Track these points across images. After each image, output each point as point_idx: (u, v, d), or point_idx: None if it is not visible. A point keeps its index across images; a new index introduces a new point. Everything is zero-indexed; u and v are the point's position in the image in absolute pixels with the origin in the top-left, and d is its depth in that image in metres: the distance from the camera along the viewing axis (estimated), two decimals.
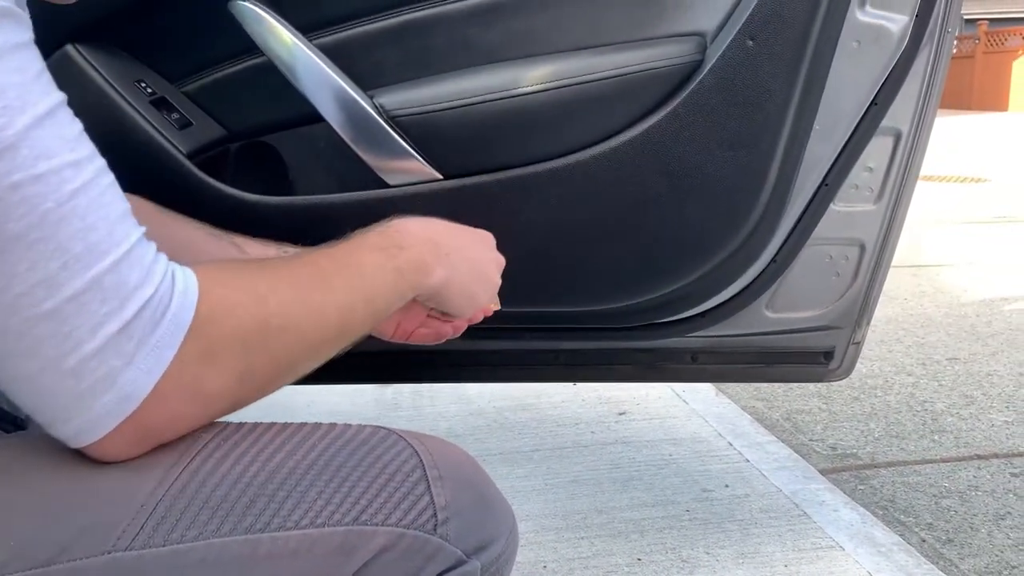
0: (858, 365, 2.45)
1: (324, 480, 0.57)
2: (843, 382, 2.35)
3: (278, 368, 0.58)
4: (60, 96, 0.49)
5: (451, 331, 0.95)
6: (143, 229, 0.52)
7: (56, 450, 0.57)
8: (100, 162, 0.50)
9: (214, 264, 0.57)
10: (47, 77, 0.48)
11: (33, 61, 0.47)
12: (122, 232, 0.50)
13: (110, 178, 0.50)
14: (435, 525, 0.58)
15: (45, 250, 0.46)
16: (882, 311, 3.03)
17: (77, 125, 0.49)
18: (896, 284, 3.41)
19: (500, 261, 0.84)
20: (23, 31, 0.47)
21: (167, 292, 0.51)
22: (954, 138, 9.48)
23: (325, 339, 0.61)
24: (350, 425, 0.62)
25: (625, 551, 1.40)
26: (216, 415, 0.56)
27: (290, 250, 0.90)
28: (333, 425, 0.62)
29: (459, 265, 0.74)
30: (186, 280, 0.52)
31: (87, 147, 0.49)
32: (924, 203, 5.21)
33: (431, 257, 0.71)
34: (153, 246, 0.52)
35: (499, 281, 0.82)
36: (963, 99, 16.76)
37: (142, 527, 0.52)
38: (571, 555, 1.39)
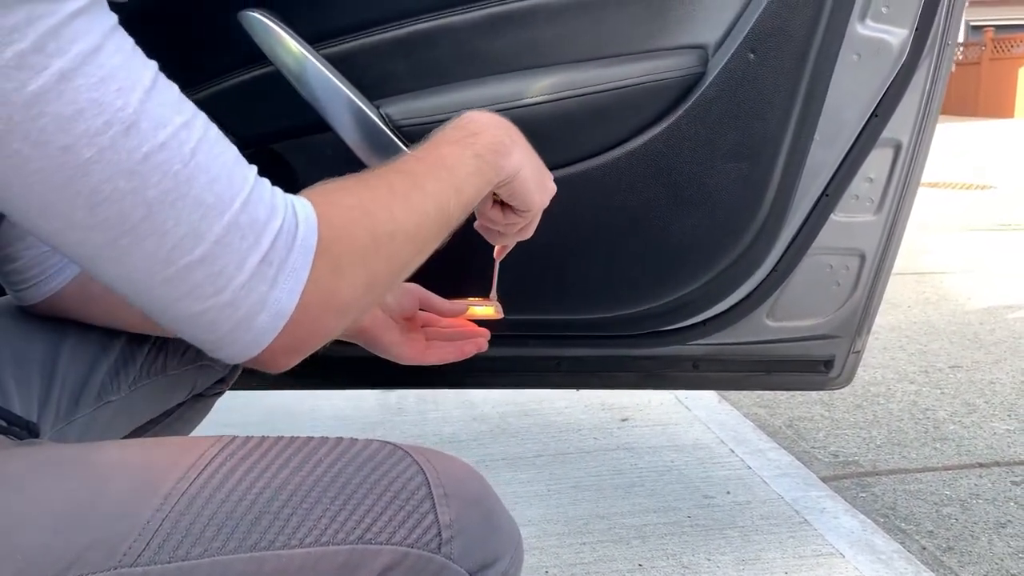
0: (860, 372, 2.46)
1: (329, 497, 0.57)
2: (845, 390, 2.35)
3: (394, 271, 0.63)
4: (154, 64, 0.52)
5: (473, 348, 0.97)
6: (255, 168, 0.56)
7: (66, 462, 0.58)
8: (203, 116, 0.54)
9: (321, 188, 0.61)
10: (139, 50, 0.51)
11: (126, 38, 0.50)
12: (240, 175, 0.54)
13: (215, 128, 0.54)
14: (440, 544, 0.58)
15: (185, 206, 0.51)
16: (885, 318, 3.04)
17: (174, 88, 0.53)
18: (899, 291, 3.42)
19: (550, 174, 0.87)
20: (109, 14, 0.50)
21: (292, 221, 0.55)
22: (959, 144, 9.47)
23: (428, 236, 0.65)
24: (356, 440, 0.62)
25: (627, 557, 1.41)
26: (351, 320, 0.61)
27: None
28: (339, 440, 0.62)
29: (527, 150, 0.78)
30: (304, 208, 0.57)
31: (189, 106, 0.53)
32: (928, 209, 5.21)
33: (506, 139, 0.74)
34: (267, 182, 0.56)
35: (554, 187, 0.85)
36: (969, 105, 16.74)
37: (148, 543, 0.53)
38: (573, 560, 1.40)
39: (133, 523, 0.54)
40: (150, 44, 0.95)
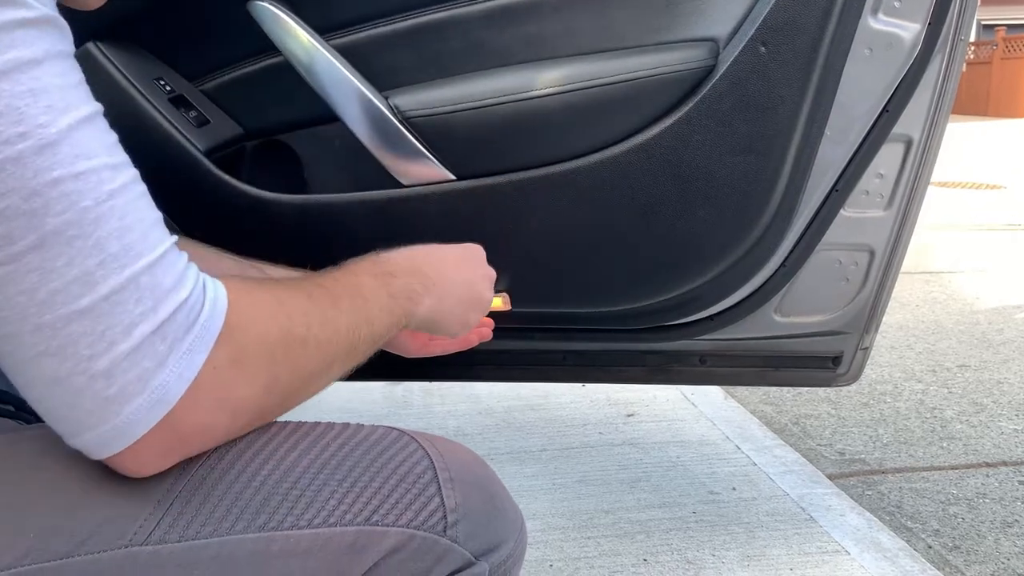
0: (868, 371, 2.45)
1: (337, 480, 0.58)
2: (852, 388, 2.35)
3: (298, 380, 0.59)
4: (98, 106, 0.50)
5: (476, 339, 0.97)
6: (175, 238, 0.52)
7: None
8: (134, 171, 0.51)
9: (238, 278, 0.57)
10: (86, 88, 0.49)
11: (74, 70, 0.48)
12: (156, 237, 0.50)
13: (144, 187, 0.51)
14: (445, 527, 0.59)
15: (84, 247, 0.46)
16: (893, 317, 3.02)
17: (113, 135, 0.50)
18: (908, 290, 3.40)
19: (491, 275, 0.86)
20: (66, 41, 0.48)
21: (199, 298, 0.51)
22: (970, 144, 9.42)
23: (336, 355, 0.62)
24: (363, 426, 0.63)
25: (631, 552, 1.41)
26: (242, 428, 0.56)
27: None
28: (346, 425, 0.63)
29: (448, 292, 0.76)
30: (216, 289, 0.53)
31: (123, 155, 0.50)
32: (938, 209, 5.18)
33: (419, 286, 0.72)
34: (185, 255, 0.53)
35: (491, 297, 0.84)
36: (979, 105, 16.65)
37: (159, 522, 0.53)
38: (577, 554, 1.40)
39: (144, 503, 0.54)
40: (160, 34, 0.95)
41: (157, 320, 0.49)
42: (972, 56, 14.74)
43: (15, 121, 0.44)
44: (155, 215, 0.51)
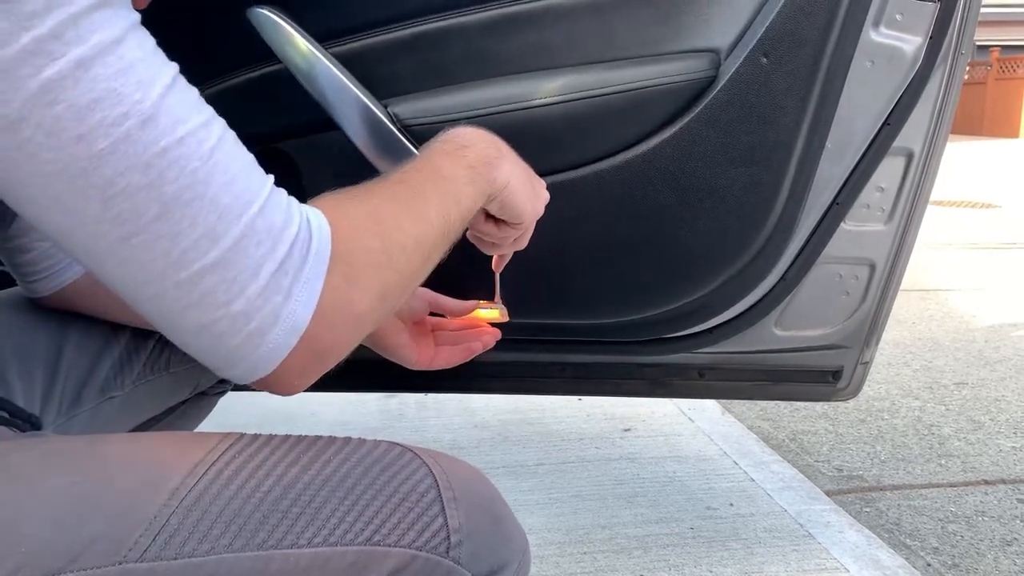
0: (865, 388, 2.44)
1: (338, 498, 0.56)
2: (850, 404, 2.34)
3: (404, 281, 0.61)
4: (175, 65, 0.51)
5: (480, 347, 0.96)
6: (272, 176, 0.55)
7: (72, 454, 0.57)
8: (221, 120, 0.53)
9: (331, 198, 0.60)
10: (160, 51, 0.51)
11: (147, 38, 0.50)
12: (258, 180, 0.53)
13: (232, 133, 0.53)
14: (448, 547, 0.57)
15: (202, 205, 0.49)
16: (890, 334, 3.02)
17: (194, 90, 0.52)
18: (904, 307, 3.40)
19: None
20: (132, 12, 0.50)
21: (307, 229, 0.54)
22: (965, 163, 9.46)
23: (433, 245, 0.64)
24: (364, 440, 0.61)
25: (628, 567, 1.39)
26: (364, 334, 0.59)
27: None
28: (347, 440, 0.61)
29: (516, 162, 0.77)
30: (318, 218, 0.56)
31: (208, 108, 0.52)
32: (934, 227, 5.20)
33: (494, 151, 0.74)
34: (283, 191, 0.55)
35: (546, 195, 0.84)
36: (974, 125, 16.75)
37: (154, 539, 0.52)
38: (574, 570, 1.39)
39: (139, 518, 0.52)
40: (159, 40, 0.95)
41: (277, 258, 0.52)
42: (967, 76, 14.83)
43: (115, 103, 0.47)
44: (249, 158, 0.54)
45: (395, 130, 1.03)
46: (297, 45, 1.02)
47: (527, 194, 0.78)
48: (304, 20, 1.04)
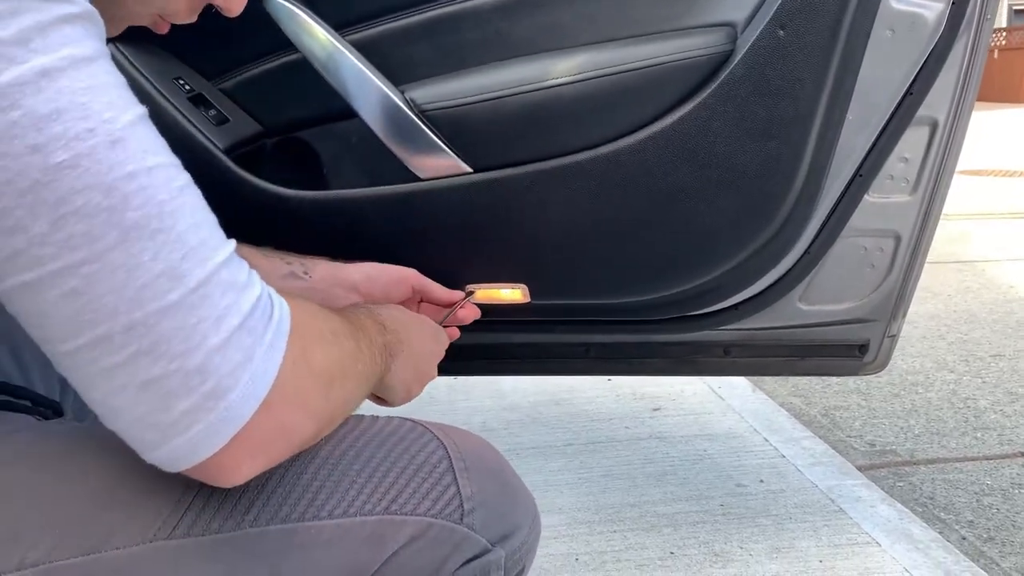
0: (898, 361, 2.41)
1: (356, 471, 0.58)
2: (883, 378, 2.32)
3: (350, 384, 0.59)
4: (144, 107, 0.49)
5: (456, 333, 0.97)
6: (234, 241, 0.52)
7: (97, 439, 0.59)
8: (187, 173, 0.50)
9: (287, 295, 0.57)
10: (129, 88, 0.49)
11: (117, 71, 0.48)
12: (223, 236, 0.50)
13: (198, 190, 0.51)
14: (461, 515, 0.60)
15: (167, 240, 0.46)
16: (924, 306, 2.98)
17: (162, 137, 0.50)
18: (940, 279, 3.35)
19: (441, 352, 0.86)
20: (103, 39, 0.48)
21: (268, 297, 0.51)
22: (1003, 132, 9.24)
23: (370, 372, 0.64)
24: (378, 417, 0.64)
25: (658, 545, 1.40)
26: (313, 428, 0.55)
27: (293, 261, 0.92)
28: (362, 417, 0.63)
29: (409, 359, 0.76)
30: (277, 295, 0.53)
31: (175, 156, 0.50)
32: (972, 197, 5.09)
33: (398, 344, 0.73)
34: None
35: (435, 373, 0.83)
36: (1012, 92, 16.34)
37: (182, 517, 0.54)
38: (603, 548, 1.39)
39: (166, 498, 0.54)
40: (179, 34, 0.96)
41: (241, 313, 0.48)
42: (1004, 42, 14.46)
43: (82, 117, 0.44)
44: (213, 216, 0.51)
45: (412, 115, 1.03)
46: (313, 33, 1.03)
47: (404, 388, 0.76)
48: (321, 8, 1.05)
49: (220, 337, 0.47)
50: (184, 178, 0.49)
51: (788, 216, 1.03)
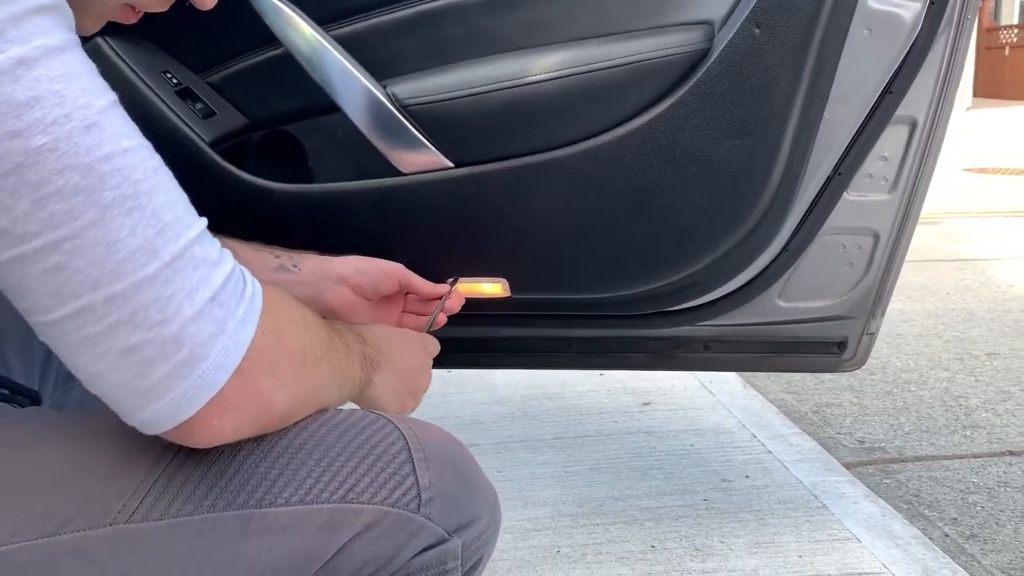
0: (893, 359, 2.42)
1: (314, 459, 0.60)
2: (876, 376, 2.32)
3: (321, 371, 0.62)
4: (115, 94, 0.51)
5: (444, 319, 0.99)
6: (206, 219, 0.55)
7: (62, 427, 0.61)
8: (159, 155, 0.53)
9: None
10: (100, 76, 0.51)
11: (88, 59, 0.50)
12: (195, 215, 0.53)
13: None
14: (419, 504, 0.60)
15: (142, 217, 0.49)
16: (923, 305, 2.98)
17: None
18: (939, 278, 3.34)
19: (429, 363, 0.88)
20: (74, 31, 0.50)
21: (240, 274, 0.55)
22: (1011, 129, 9.19)
23: (345, 378, 0.66)
24: (341, 409, 0.65)
25: (639, 538, 1.41)
26: (283, 402, 0.58)
27: (282, 255, 0.93)
28: (325, 409, 0.64)
29: (394, 373, 0.77)
30: (251, 276, 0.56)
31: (146, 139, 0.52)
32: (974, 195, 5.08)
33: (380, 357, 0.75)
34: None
35: (428, 384, 0.85)
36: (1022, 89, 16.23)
37: (141, 501, 0.55)
38: (585, 541, 1.41)
39: (127, 483, 0.56)
40: (167, 28, 0.98)
41: (214, 287, 0.51)
42: (1016, 39, 14.37)
43: (57, 103, 0.46)
44: (185, 195, 0.54)
45: (394, 110, 1.04)
46: (298, 28, 1.04)
47: (394, 401, 0.78)
48: (305, 3, 1.06)
49: (194, 309, 0.50)
50: (157, 159, 0.52)
51: (764, 214, 1.04)
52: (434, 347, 0.91)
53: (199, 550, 0.56)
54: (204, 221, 0.53)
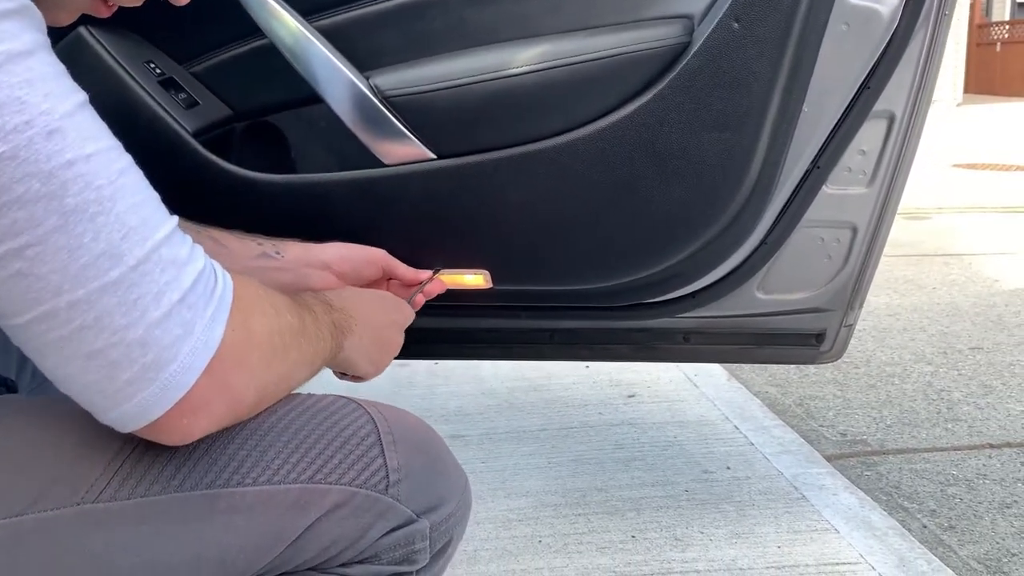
0: (878, 353, 2.43)
1: (283, 441, 0.61)
2: (860, 369, 2.34)
3: (295, 356, 0.62)
4: (85, 94, 0.51)
5: (422, 299, 1.00)
6: (176, 217, 0.55)
7: (32, 411, 0.61)
8: (129, 155, 0.53)
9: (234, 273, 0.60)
10: (70, 76, 0.51)
11: (57, 60, 0.50)
12: (164, 214, 0.53)
13: (139, 169, 0.53)
14: (387, 486, 0.62)
15: (106, 222, 0.48)
16: (909, 299, 3.00)
17: (103, 122, 0.52)
18: (926, 272, 3.37)
19: (404, 322, 0.88)
20: (43, 31, 0.50)
21: (211, 271, 0.54)
22: (1001, 125, 9.24)
23: (314, 358, 0.66)
24: (313, 394, 0.66)
25: (620, 528, 1.42)
26: (253, 397, 0.58)
27: (265, 243, 0.94)
28: (297, 394, 0.65)
29: (366, 333, 0.78)
30: (222, 269, 0.56)
31: (117, 141, 0.52)
32: (963, 191, 5.10)
33: (350, 321, 0.75)
34: (188, 236, 0.55)
35: (401, 341, 0.86)
36: (1018, 85, 16.29)
37: (109, 481, 0.56)
38: (567, 531, 1.42)
39: (95, 463, 0.57)
40: (151, 18, 0.98)
41: (182, 288, 0.51)
42: (1007, 35, 14.41)
43: (17, 110, 0.46)
44: (156, 194, 0.53)
45: (376, 101, 1.05)
46: (281, 19, 1.04)
47: (368, 361, 0.79)
48: None
49: (160, 311, 0.50)
50: (125, 160, 0.51)
51: (743, 206, 1.05)
52: (410, 312, 0.91)
53: (167, 529, 0.56)
54: (174, 220, 0.53)
